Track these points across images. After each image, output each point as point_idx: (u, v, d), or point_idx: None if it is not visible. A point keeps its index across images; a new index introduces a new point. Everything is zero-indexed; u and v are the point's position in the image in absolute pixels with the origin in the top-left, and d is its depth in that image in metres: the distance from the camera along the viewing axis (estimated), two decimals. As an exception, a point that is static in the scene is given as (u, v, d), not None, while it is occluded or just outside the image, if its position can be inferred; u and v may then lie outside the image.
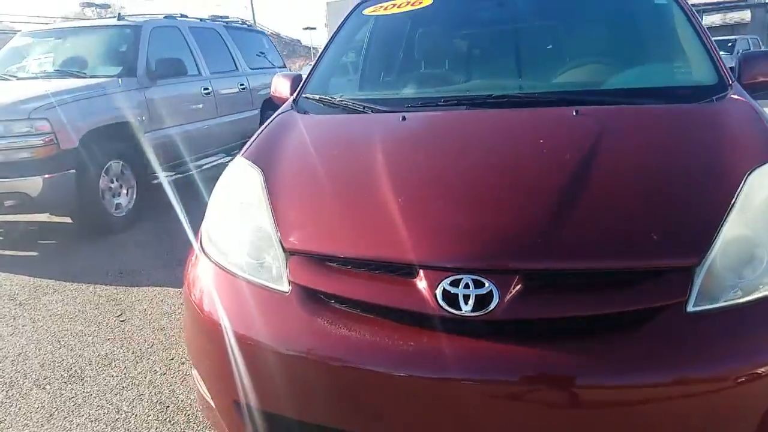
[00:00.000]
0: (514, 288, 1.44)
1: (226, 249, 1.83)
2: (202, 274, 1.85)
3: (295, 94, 2.78)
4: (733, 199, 1.58)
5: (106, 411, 2.51)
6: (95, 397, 2.61)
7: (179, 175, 6.45)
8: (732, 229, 1.51)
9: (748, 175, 1.65)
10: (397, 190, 1.76)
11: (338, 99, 2.60)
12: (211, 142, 6.63)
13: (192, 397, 2.56)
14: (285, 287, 1.64)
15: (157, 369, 2.82)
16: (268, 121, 2.51)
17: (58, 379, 2.77)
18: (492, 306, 1.42)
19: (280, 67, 8.59)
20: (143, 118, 5.47)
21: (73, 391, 2.67)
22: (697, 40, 2.51)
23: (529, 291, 1.44)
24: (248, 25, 9.13)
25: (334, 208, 1.81)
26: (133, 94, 5.42)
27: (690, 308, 1.41)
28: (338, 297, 1.58)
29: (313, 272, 1.63)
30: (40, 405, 2.58)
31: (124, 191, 5.27)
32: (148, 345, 3.07)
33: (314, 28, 61.93)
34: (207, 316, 1.72)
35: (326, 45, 3.06)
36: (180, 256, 3.79)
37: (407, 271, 1.53)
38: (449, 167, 1.93)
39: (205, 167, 6.92)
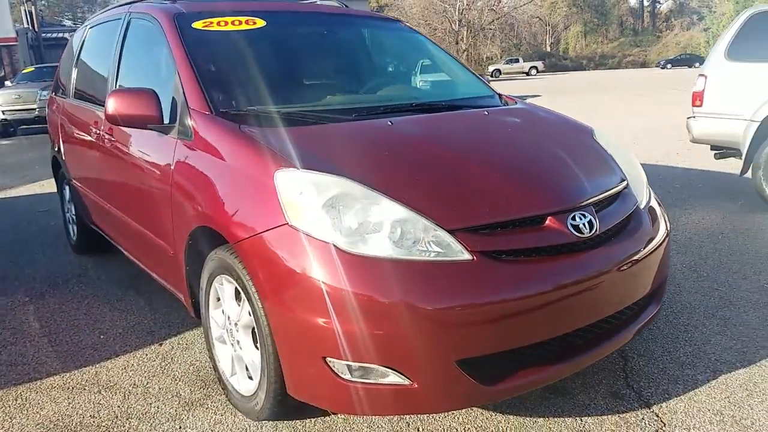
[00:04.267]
0: (596, 213, 2.29)
1: (375, 244, 1.96)
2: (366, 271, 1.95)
3: (206, 111, 2.56)
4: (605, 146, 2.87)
5: None
6: None
7: None
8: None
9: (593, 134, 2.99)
10: (475, 168, 2.35)
11: (287, 111, 2.65)
12: None
13: None
14: (467, 256, 1.98)
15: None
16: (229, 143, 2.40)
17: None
18: (596, 226, 2.24)
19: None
20: None
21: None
22: (463, 67, 3.71)
23: (599, 213, 2.31)
24: None
25: (453, 190, 2.20)
26: None
27: (642, 206, 2.58)
28: (511, 251, 2.06)
29: (484, 240, 2.04)
30: None
31: None
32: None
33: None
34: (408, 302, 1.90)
35: (189, 62, 2.74)
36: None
37: (539, 220, 2.17)
38: (476, 151, 2.53)
39: None
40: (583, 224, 2.20)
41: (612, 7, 76.67)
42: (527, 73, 47.74)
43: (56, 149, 4.74)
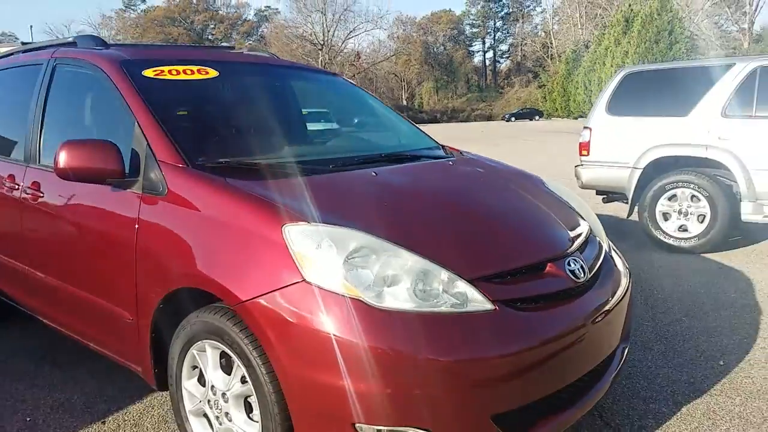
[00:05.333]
0: (580, 258, 2.37)
1: (398, 298, 1.90)
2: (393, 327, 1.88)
3: (179, 163, 2.37)
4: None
5: None
6: None
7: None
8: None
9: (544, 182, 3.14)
10: (472, 217, 2.42)
11: (265, 163, 2.57)
12: None
13: None
14: (490, 306, 1.96)
15: None
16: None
17: None
18: (586, 270, 2.33)
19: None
20: None
21: None
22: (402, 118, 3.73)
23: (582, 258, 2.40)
24: None
25: (461, 239, 2.23)
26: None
27: (606, 249, 2.71)
28: (524, 299, 2.08)
29: (500, 288, 2.05)
30: None
31: None
32: None
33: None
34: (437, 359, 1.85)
35: (149, 111, 2.54)
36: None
37: (541, 266, 2.22)
38: (465, 201, 2.59)
39: None
40: (578, 269, 2.29)
41: (459, 66, 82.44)
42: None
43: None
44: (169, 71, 2.84)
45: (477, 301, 1.97)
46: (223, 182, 2.28)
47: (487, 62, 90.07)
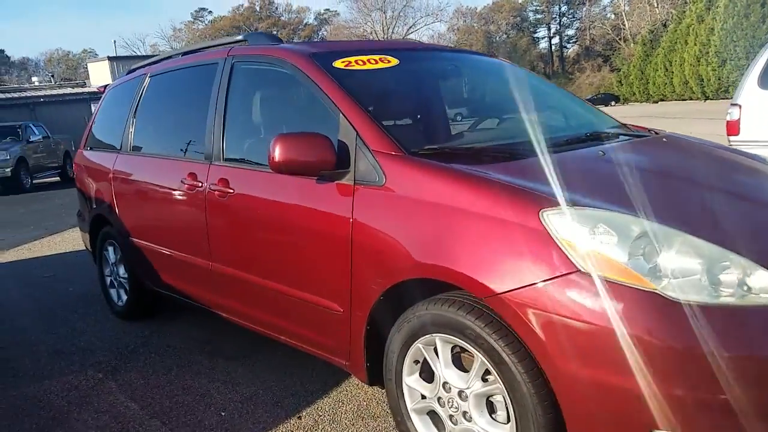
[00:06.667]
0: None
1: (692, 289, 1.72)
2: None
3: (394, 151, 2.33)
4: None
5: None
6: None
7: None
8: None
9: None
10: (724, 200, 2.20)
11: (483, 147, 2.56)
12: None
13: None
14: None
15: None
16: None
17: None
18: None
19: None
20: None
21: None
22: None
23: None
24: None
25: (738, 223, 2.02)
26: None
27: None
28: None
29: None
30: None
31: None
32: None
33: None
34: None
35: (353, 102, 2.52)
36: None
37: None
38: (709, 183, 2.38)
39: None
40: None
41: (523, 54, 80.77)
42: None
43: (99, 208, 4.31)
44: (356, 61, 2.81)
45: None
46: (451, 168, 2.20)
47: (553, 48, 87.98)
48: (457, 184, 2.11)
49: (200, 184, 3.15)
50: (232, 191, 2.96)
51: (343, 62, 2.78)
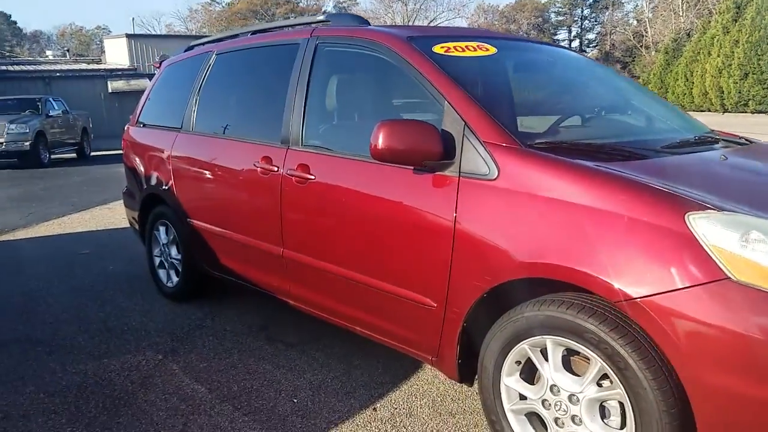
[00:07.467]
0: None
1: None
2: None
3: (508, 144, 2.24)
4: None
5: None
6: None
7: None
8: None
9: None
10: None
11: (599, 144, 2.45)
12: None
13: None
14: None
15: None
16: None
17: None
18: None
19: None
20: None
21: None
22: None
23: None
24: None
25: None
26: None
27: None
28: None
29: None
30: None
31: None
32: None
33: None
34: None
35: (461, 89, 2.42)
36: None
37: None
38: None
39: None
40: None
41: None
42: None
43: (153, 187, 4.24)
44: (455, 47, 2.71)
45: None
46: (581, 165, 2.10)
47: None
48: (588, 182, 2.01)
49: (275, 169, 3.07)
50: (312, 177, 2.87)
51: (442, 47, 2.68)
